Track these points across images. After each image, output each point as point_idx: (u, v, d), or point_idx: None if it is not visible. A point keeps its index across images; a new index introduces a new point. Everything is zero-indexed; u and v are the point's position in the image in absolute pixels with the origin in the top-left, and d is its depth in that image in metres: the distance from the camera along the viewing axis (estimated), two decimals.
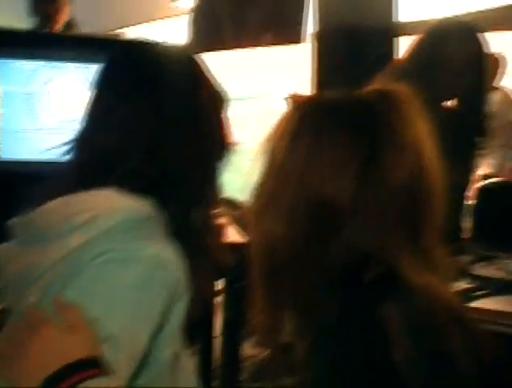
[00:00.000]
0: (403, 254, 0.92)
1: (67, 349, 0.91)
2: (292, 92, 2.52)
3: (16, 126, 2.06)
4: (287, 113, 1.02)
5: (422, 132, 0.96)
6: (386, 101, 0.97)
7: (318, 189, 0.93)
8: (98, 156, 1.06)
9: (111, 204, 1.01)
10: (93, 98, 1.09)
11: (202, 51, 1.08)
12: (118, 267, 0.97)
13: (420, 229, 0.95)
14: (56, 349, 0.91)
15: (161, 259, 0.99)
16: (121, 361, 0.93)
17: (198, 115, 1.10)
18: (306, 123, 0.99)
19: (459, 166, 1.05)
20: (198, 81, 1.11)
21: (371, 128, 0.95)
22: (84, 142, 1.08)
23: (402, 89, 0.98)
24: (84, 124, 1.09)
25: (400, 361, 0.83)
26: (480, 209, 2.35)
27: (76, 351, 0.91)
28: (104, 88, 1.09)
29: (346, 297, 0.92)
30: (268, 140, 1.01)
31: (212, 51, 4.16)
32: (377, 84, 1.02)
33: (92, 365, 0.90)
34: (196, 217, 1.10)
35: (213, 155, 1.12)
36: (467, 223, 2.35)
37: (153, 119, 1.05)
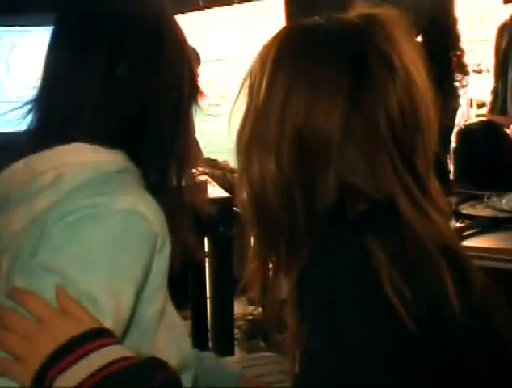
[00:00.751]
0: (396, 184, 0.88)
1: (65, 328, 0.86)
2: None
3: None
4: (266, 44, 0.96)
5: (413, 57, 0.91)
6: (374, 24, 0.91)
7: (303, 123, 0.89)
8: (58, 112, 1.01)
9: (77, 160, 0.96)
10: (48, 54, 1.04)
11: (174, 13, 1.04)
12: (89, 224, 0.91)
13: (413, 157, 0.91)
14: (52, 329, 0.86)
15: (136, 211, 0.93)
16: (107, 323, 0.88)
17: (162, 65, 1.04)
18: (286, 51, 0.93)
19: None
20: (164, 31, 1.05)
21: (359, 53, 0.89)
22: (42, 102, 1.03)
23: (389, 12, 0.93)
24: (41, 82, 1.04)
25: (391, 296, 0.80)
26: (463, 150, 2.35)
27: (76, 327, 0.86)
28: (59, 41, 1.04)
29: (334, 232, 0.88)
30: (248, 74, 0.96)
31: (182, 13, 4.09)
32: (359, 9, 0.96)
33: (99, 336, 0.86)
34: (172, 175, 1.06)
35: (182, 109, 1.07)
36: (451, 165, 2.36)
37: (111, 69, 1.00)
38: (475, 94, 4.59)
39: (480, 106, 4.55)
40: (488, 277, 0.94)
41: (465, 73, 2.17)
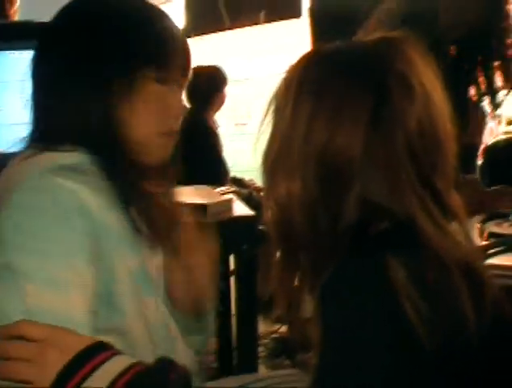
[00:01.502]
0: (415, 204, 0.90)
1: (66, 343, 0.90)
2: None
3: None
4: (290, 68, 0.99)
5: (430, 78, 0.94)
6: (392, 47, 0.95)
7: (326, 143, 0.92)
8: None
9: (35, 164, 1.01)
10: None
11: (198, 33, 1.04)
12: (23, 210, 0.96)
13: (433, 175, 0.93)
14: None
15: (66, 187, 0.96)
16: (74, 300, 0.92)
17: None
18: (309, 76, 0.96)
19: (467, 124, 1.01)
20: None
21: (379, 76, 0.92)
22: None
23: (404, 35, 0.96)
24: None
25: (410, 315, 0.81)
26: (488, 167, 2.33)
27: (76, 341, 0.90)
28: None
29: (357, 249, 0.90)
30: (273, 97, 0.99)
31: (209, 33, 4.12)
32: (376, 33, 0.99)
33: (102, 347, 0.90)
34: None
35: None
36: None
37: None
38: (504, 111, 4.53)
39: (509, 123, 4.50)
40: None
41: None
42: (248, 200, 3.07)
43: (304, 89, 0.95)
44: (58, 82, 1.05)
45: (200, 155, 3.12)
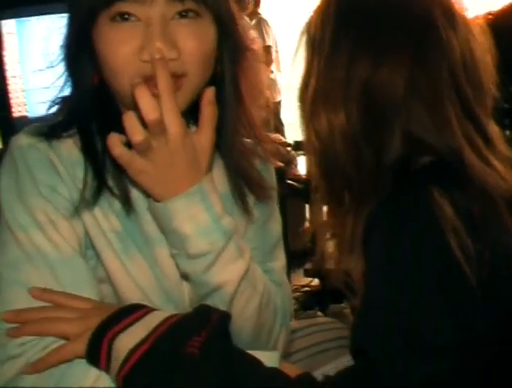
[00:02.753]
0: (460, 135, 0.90)
1: (109, 306, 0.93)
2: None
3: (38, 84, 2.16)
4: None
5: (469, 21, 0.95)
6: None
7: (369, 76, 0.90)
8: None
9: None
10: None
11: None
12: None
13: (473, 106, 0.93)
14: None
15: (28, 144, 1.00)
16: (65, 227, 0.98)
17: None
18: (350, 6, 0.94)
19: None
20: None
21: (425, 6, 0.92)
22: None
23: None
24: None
25: (456, 252, 0.80)
26: None
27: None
28: None
29: (400, 184, 0.90)
30: (305, 29, 0.98)
31: None
32: None
33: (141, 306, 0.92)
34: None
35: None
36: None
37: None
38: None
39: None
40: None
41: None
42: (274, 155, 3.02)
43: (344, 19, 0.93)
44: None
45: None
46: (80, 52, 1.00)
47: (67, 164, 1.00)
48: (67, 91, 1.05)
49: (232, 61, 1.03)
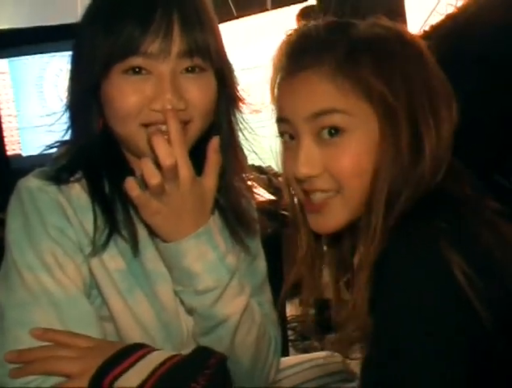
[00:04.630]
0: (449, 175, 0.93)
1: (110, 345, 0.98)
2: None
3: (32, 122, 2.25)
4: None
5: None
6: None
7: None
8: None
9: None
10: None
11: None
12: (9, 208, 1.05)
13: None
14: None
15: (37, 187, 1.05)
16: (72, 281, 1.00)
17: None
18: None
19: None
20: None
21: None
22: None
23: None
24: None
25: (467, 291, 0.81)
26: None
27: (117, 345, 0.98)
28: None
29: (407, 222, 0.90)
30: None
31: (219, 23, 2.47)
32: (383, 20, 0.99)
33: (141, 346, 0.96)
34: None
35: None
36: None
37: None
38: None
39: None
40: None
41: None
42: (267, 186, 3.06)
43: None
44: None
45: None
46: (88, 100, 1.07)
47: (76, 208, 1.06)
48: (66, 135, 1.12)
49: (228, 110, 1.15)
